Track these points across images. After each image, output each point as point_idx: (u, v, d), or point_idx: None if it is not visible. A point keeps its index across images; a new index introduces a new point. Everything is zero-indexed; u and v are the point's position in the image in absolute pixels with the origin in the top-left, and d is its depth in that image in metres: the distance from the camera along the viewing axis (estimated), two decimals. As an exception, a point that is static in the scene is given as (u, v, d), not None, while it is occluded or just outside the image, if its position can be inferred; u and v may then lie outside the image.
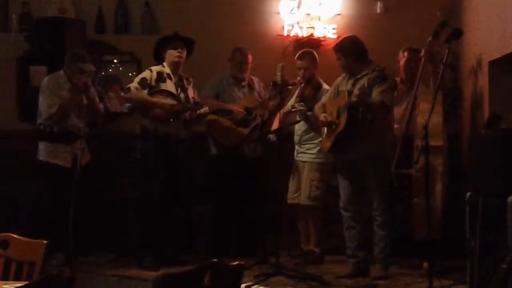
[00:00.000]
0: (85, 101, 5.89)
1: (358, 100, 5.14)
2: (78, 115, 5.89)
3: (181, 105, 5.79)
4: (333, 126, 5.41)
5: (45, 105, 5.79)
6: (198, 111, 5.90)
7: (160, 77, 5.77)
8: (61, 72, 5.89)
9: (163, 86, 5.77)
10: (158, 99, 5.72)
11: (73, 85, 5.81)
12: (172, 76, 5.83)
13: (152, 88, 5.73)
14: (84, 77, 5.80)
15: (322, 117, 5.51)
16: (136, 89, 5.69)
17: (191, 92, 5.95)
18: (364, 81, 5.21)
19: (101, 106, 6.06)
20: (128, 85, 5.75)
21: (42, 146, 5.85)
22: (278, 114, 5.81)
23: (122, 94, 5.81)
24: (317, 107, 5.67)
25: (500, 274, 3.96)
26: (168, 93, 5.77)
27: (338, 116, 5.37)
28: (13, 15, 6.92)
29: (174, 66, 5.85)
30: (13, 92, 6.53)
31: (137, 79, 5.77)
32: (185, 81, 5.93)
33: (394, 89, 5.48)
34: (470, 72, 6.25)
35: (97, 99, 5.99)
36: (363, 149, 5.31)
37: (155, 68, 5.80)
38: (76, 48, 6.02)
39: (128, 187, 6.41)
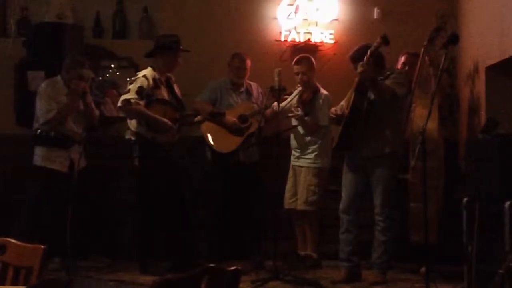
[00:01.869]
0: (81, 106, 5.89)
1: (364, 74, 5.10)
2: (75, 120, 5.89)
3: (181, 119, 5.77)
4: (343, 117, 5.42)
5: (43, 110, 5.79)
6: (196, 119, 5.92)
7: (156, 84, 5.70)
8: (59, 77, 5.90)
9: (158, 94, 5.70)
10: (156, 110, 5.65)
11: (71, 90, 5.81)
12: (161, 79, 5.79)
13: (149, 96, 5.64)
14: (83, 83, 5.80)
15: (332, 110, 5.52)
16: (137, 102, 5.56)
17: (177, 90, 5.92)
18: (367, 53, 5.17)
19: (97, 111, 6.05)
20: (127, 97, 5.58)
21: (38, 151, 5.84)
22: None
23: (119, 105, 5.65)
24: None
25: (497, 280, 3.97)
26: (164, 101, 5.73)
27: (348, 106, 5.37)
28: (11, 20, 6.94)
29: (170, 71, 5.83)
30: (11, 97, 6.53)
31: (134, 88, 5.60)
32: (169, 81, 5.90)
33: (406, 86, 5.41)
34: (467, 77, 6.26)
35: (93, 105, 5.99)
36: (372, 147, 5.32)
37: (150, 74, 5.69)
38: (74, 54, 6.03)
39: (126, 192, 6.40)
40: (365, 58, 5.12)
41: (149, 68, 5.76)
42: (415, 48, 5.84)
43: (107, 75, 6.99)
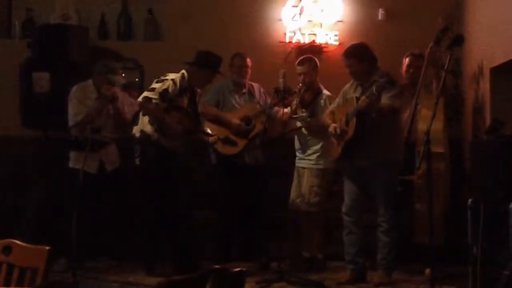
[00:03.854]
0: (111, 110, 5.92)
1: (367, 106, 5.13)
2: (104, 124, 5.92)
3: (193, 133, 5.77)
4: (342, 132, 5.40)
5: (71, 113, 5.86)
6: (207, 139, 5.93)
7: (181, 92, 5.67)
8: (90, 81, 5.95)
9: (180, 101, 5.68)
10: (173, 116, 5.63)
11: (100, 95, 5.85)
12: (187, 89, 5.77)
13: (170, 101, 5.62)
14: (113, 88, 5.84)
15: (331, 128, 5.49)
16: (157, 103, 5.52)
17: (199, 105, 5.94)
18: (372, 88, 5.18)
19: (128, 116, 6.04)
20: (149, 95, 5.55)
21: (71, 154, 5.94)
22: (282, 110, 5.84)
23: (139, 101, 5.62)
24: (326, 114, 5.66)
25: (503, 281, 3.96)
26: (183, 110, 5.72)
27: (347, 122, 5.36)
28: (16, 22, 6.96)
29: (200, 86, 5.86)
30: (16, 98, 6.53)
31: (159, 89, 5.56)
32: (195, 94, 5.90)
33: (402, 94, 5.46)
34: (472, 78, 6.26)
35: (125, 110, 5.98)
36: (372, 156, 5.30)
37: (178, 80, 5.64)
38: (107, 60, 6.06)
39: (129, 193, 6.40)
40: (369, 94, 5.13)
41: (181, 74, 5.71)
42: (419, 48, 5.83)
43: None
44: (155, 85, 5.64)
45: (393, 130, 5.39)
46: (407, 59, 5.95)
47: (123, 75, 6.09)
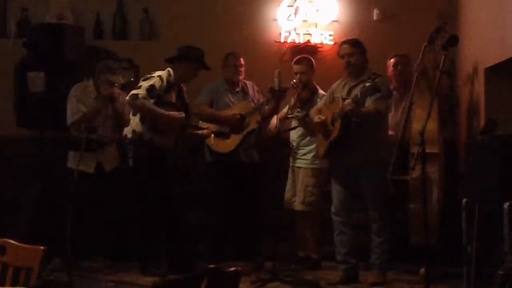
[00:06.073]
0: (110, 111, 5.92)
1: (351, 112, 5.16)
2: (103, 124, 5.92)
3: (187, 123, 5.77)
4: (328, 131, 5.42)
5: (69, 112, 5.88)
6: (201, 132, 5.93)
7: (168, 87, 5.69)
8: (91, 81, 5.96)
9: (168, 97, 5.71)
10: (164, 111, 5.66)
11: (99, 95, 5.86)
12: (174, 85, 5.80)
13: (159, 98, 5.64)
14: (111, 88, 5.84)
15: (316, 118, 5.53)
16: (144, 98, 5.53)
17: (187, 101, 5.94)
18: (358, 91, 5.22)
19: (128, 116, 6.02)
20: (135, 92, 5.57)
21: (70, 153, 5.98)
22: (276, 116, 5.84)
23: (127, 100, 5.62)
24: (313, 111, 5.69)
25: (497, 280, 3.98)
26: (173, 105, 5.73)
27: (333, 123, 5.38)
28: (11, 21, 6.94)
29: (185, 81, 5.86)
30: (11, 98, 6.53)
31: (146, 85, 5.59)
32: (181, 90, 5.90)
33: (389, 97, 5.49)
34: (467, 79, 6.26)
35: (125, 110, 5.97)
36: (358, 156, 5.33)
37: (165, 76, 5.67)
38: (106, 60, 6.08)
39: (125, 193, 6.40)
40: (354, 97, 5.17)
41: (167, 71, 5.73)
42: (414, 49, 5.83)
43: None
44: (141, 83, 5.67)
45: (377, 129, 5.41)
46: (392, 60, 5.98)
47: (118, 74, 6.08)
